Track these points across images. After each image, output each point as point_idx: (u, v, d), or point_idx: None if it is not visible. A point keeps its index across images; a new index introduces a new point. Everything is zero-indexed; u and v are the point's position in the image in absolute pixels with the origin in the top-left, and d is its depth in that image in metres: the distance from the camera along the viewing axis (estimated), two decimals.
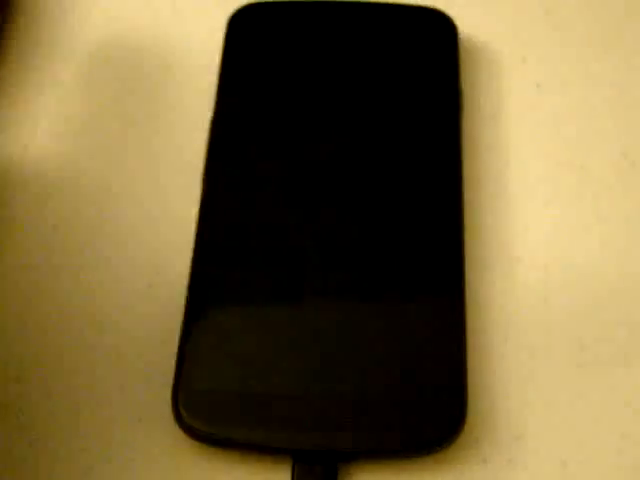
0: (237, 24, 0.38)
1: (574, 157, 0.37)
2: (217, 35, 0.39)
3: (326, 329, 0.32)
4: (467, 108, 0.37)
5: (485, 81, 0.39)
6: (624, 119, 0.38)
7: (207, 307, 0.32)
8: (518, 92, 0.39)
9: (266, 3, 0.39)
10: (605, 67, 0.39)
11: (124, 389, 0.32)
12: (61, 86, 0.39)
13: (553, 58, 0.39)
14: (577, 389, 0.32)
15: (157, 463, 0.31)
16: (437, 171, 0.35)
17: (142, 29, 0.40)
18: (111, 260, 0.35)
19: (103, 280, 0.34)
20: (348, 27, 0.38)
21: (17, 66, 0.39)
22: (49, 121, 0.38)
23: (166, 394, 0.32)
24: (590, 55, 0.40)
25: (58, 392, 0.32)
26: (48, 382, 0.33)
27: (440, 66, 0.37)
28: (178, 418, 0.30)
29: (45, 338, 0.33)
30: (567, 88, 0.39)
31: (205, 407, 0.31)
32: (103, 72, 0.39)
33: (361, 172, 0.35)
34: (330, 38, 0.38)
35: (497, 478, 0.31)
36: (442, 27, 0.38)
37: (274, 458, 0.31)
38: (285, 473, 0.31)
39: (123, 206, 0.36)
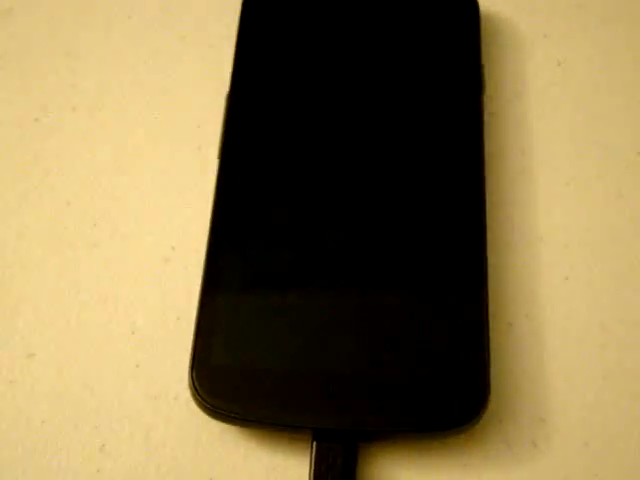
0: None
1: (596, 135, 0.37)
2: (234, 9, 0.38)
3: (347, 308, 0.31)
4: (489, 85, 0.37)
5: (507, 58, 0.38)
6: None
7: (225, 283, 0.32)
8: (539, 69, 0.38)
9: None
10: (627, 43, 0.39)
11: (140, 366, 0.32)
12: (75, 57, 0.38)
13: (574, 35, 0.39)
14: (599, 370, 0.32)
15: (174, 441, 0.31)
16: (459, 150, 0.34)
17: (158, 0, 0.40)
18: (127, 234, 0.34)
19: (118, 254, 0.34)
20: (366, 3, 0.37)
21: None
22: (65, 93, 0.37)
23: (183, 371, 0.31)
24: (611, 32, 0.39)
25: (71, 369, 0.32)
26: (61, 359, 0.32)
27: (462, 43, 0.36)
28: (195, 395, 0.30)
29: (59, 312, 0.33)
30: (588, 65, 0.38)
31: (223, 384, 0.30)
32: (117, 41, 0.39)
33: (384, 152, 0.34)
34: (348, 14, 0.37)
35: (520, 459, 0.30)
36: (463, 3, 0.37)
37: (293, 436, 0.30)
38: (304, 451, 0.30)
39: (138, 180, 0.35)
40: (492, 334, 0.31)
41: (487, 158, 0.35)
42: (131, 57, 0.38)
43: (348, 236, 0.32)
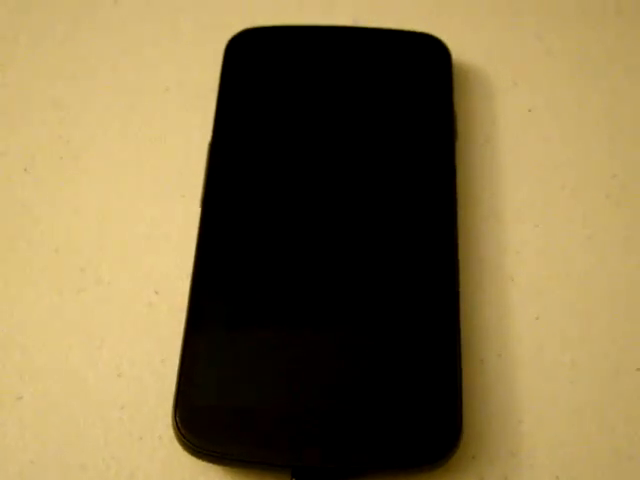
0: (235, 49, 0.39)
1: (565, 180, 0.38)
2: (216, 60, 0.39)
3: (324, 347, 0.32)
4: (461, 132, 0.38)
5: (478, 105, 0.40)
6: (614, 143, 0.39)
7: (207, 325, 0.33)
8: (510, 116, 0.39)
9: (263, 28, 0.40)
10: (595, 92, 0.40)
11: (124, 408, 0.33)
12: (62, 107, 0.39)
13: (544, 82, 0.40)
14: (570, 405, 0.33)
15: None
16: (432, 193, 0.35)
17: (143, 51, 0.41)
18: (112, 280, 0.35)
19: (104, 299, 0.35)
20: (343, 52, 0.39)
21: None
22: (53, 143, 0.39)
23: (167, 412, 0.32)
24: (581, 80, 0.40)
25: (59, 410, 0.33)
26: (50, 401, 0.33)
27: (434, 90, 0.38)
28: (179, 435, 0.31)
29: (48, 356, 0.34)
30: (558, 112, 0.40)
31: (205, 424, 0.31)
32: (102, 92, 0.40)
33: (358, 195, 0.35)
34: (326, 63, 0.39)
35: None
36: (436, 52, 0.39)
37: (274, 474, 0.31)
38: None
39: (123, 227, 0.37)
40: (465, 371, 0.32)
41: (459, 201, 0.36)
42: (116, 107, 0.40)
43: (326, 278, 0.33)
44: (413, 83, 0.38)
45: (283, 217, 0.35)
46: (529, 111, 0.40)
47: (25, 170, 0.38)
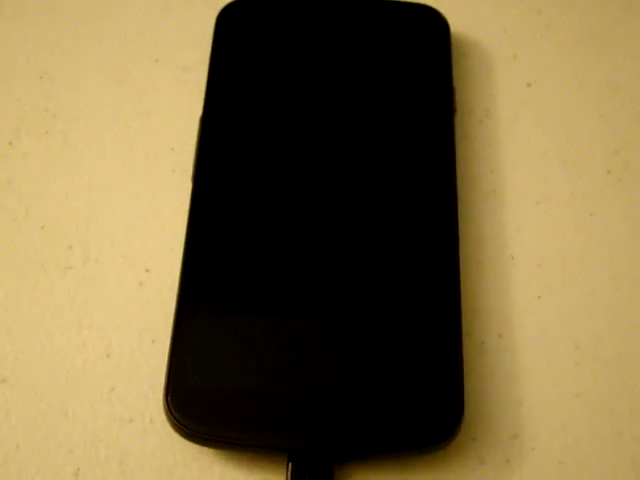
0: (226, 20, 0.38)
1: (566, 155, 0.37)
2: (206, 31, 0.38)
3: (321, 327, 0.31)
4: (460, 106, 0.37)
5: (476, 78, 0.39)
6: (615, 117, 0.38)
7: (199, 305, 0.32)
8: (510, 90, 0.38)
9: None
10: (596, 66, 0.39)
11: (115, 390, 0.32)
12: (48, 80, 0.38)
13: (544, 55, 0.39)
14: (573, 387, 0.32)
15: (150, 464, 0.31)
16: (431, 170, 0.34)
17: (131, 21, 0.40)
18: (101, 257, 0.34)
19: (93, 277, 0.34)
20: (339, 24, 0.38)
21: None
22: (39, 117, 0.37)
23: (158, 394, 0.31)
24: (581, 53, 0.40)
25: (46, 393, 0.32)
26: (36, 383, 0.32)
27: (433, 63, 0.37)
28: (171, 418, 0.30)
29: (34, 337, 0.33)
30: (558, 86, 0.39)
31: (198, 406, 0.30)
32: (90, 65, 0.39)
33: (353, 172, 0.34)
34: (320, 34, 0.37)
35: (495, 478, 0.31)
36: (434, 24, 0.38)
37: (269, 457, 0.30)
38: (280, 472, 0.30)
39: (112, 203, 0.35)
40: (465, 353, 0.32)
41: (458, 178, 0.35)
42: (104, 80, 0.38)
43: (322, 257, 0.32)
44: (411, 56, 0.37)
45: (277, 193, 0.34)
46: (528, 85, 0.39)
47: (10, 144, 0.37)
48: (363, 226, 0.33)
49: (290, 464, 0.30)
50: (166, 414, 0.30)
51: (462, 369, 0.31)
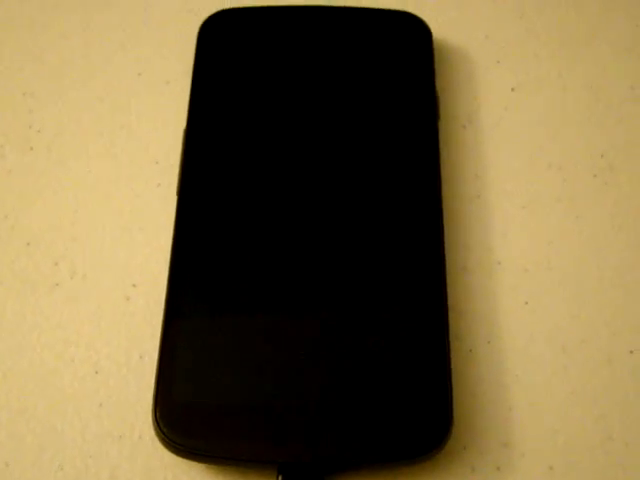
0: (208, 31, 0.38)
1: (551, 159, 0.37)
2: (189, 43, 0.38)
3: (308, 340, 0.31)
4: (443, 112, 0.37)
5: (459, 84, 0.39)
6: (600, 121, 0.38)
7: (186, 319, 0.32)
8: (493, 95, 0.38)
9: (238, 9, 0.38)
10: (580, 69, 0.39)
11: (103, 405, 0.32)
12: (32, 96, 0.38)
13: (527, 60, 0.39)
14: (562, 393, 0.32)
15: None
16: (416, 176, 0.34)
17: (113, 36, 0.40)
18: (87, 273, 0.34)
19: (80, 294, 0.34)
20: (322, 32, 0.38)
21: None
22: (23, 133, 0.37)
23: (147, 410, 0.31)
24: (564, 57, 0.40)
25: (35, 410, 0.32)
26: (25, 400, 0.32)
27: (415, 70, 0.37)
28: (159, 433, 0.30)
29: (22, 353, 0.33)
30: (542, 90, 0.39)
31: (187, 421, 0.30)
32: (73, 80, 0.39)
33: (339, 181, 0.34)
34: (303, 43, 0.37)
35: None
36: (416, 31, 0.38)
37: (259, 471, 0.30)
38: None
39: (98, 218, 0.35)
40: (453, 361, 0.32)
41: (443, 184, 0.35)
42: (88, 95, 0.38)
43: (307, 267, 0.32)
44: (393, 63, 0.37)
45: (262, 205, 0.34)
46: (512, 90, 0.39)
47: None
48: (349, 234, 0.33)
49: (280, 477, 0.29)
50: (155, 429, 0.30)
51: (450, 377, 0.31)
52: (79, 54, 0.40)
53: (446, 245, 0.33)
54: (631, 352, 0.33)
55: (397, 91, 0.36)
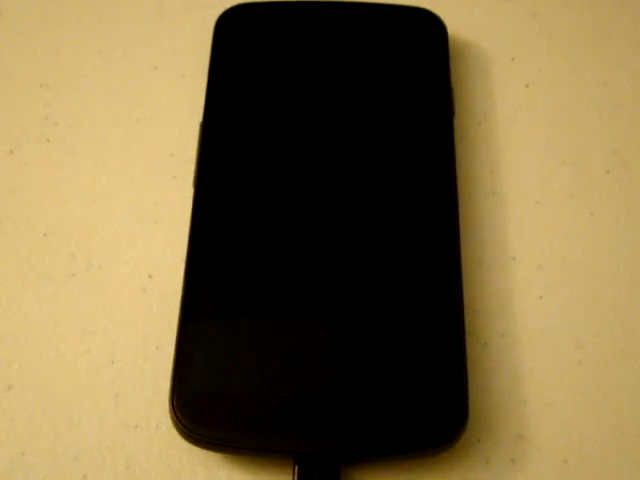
0: (225, 25, 0.38)
1: (565, 155, 0.37)
2: (205, 37, 0.38)
3: (326, 331, 0.31)
4: (458, 108, 0.37)
5: (474, 80, 0.39)
6: (614, 117, 0.38)
7: (203, 310, 0.32)
8: (508, 91, 0.39)
9: (254, 4, 0.39)
10: (593, 66, 0.39)
11: (120, 395, 0.32)
12: (49, 88, 0.38)
13: (541, 57, 0.40)
14: (576, 386, 0.32)
15: (156, 469, 0.31)
16: (431, 171, 0.35)
17: (129, 29, 0.40)
18: (104, 264, 0.34)
19: (96, 284, 0.34)
20: (337, 27, 0.38)
21: None
22: (40, 125, 0.37)
23: (163, 400, 0.31)
24: (578, 54, 0.40)
25: (52, 400, 0.32)
26: (41, 390, 0.32)
27: (430, 66, 0.37)
28: (176, 423, 0.30)
29: (38, 344, 0.33)
30: (556, 87, 0.39)
31: (204, 411, 0.30)
32: (89, 72, 0.39)
33: (353, 176, 0.34)
34: (319, 38, 0.38)
35: (500, 478, 0.31)
36: (431, 27, 0.38)
37: (275, 461, 0.30)
38: (287, 475, 0.30)
39: (114, 210, 0.36)
40: (469, 354, 0.32)
41: (458, 180, 0.35)
42: (104, 88, 0.38)
43: (324, 260, 0.33)
44: (409, 59, 0.37)
45: (279, 198, 0.34)
46: (526, 86, 0.39)
47: (11, 152, 0.37)
48: (365, 229, 0.33)
49: (296, 467, 0.30)
50: (172, 419, 0.30)
51: (466, 370, 0.31)
52: (95, 47, 0.40)
53: (461, 240, 0.34)
54: None
55: (412, 87, 0.36)
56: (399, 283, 0.32)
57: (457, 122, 0.37)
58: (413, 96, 0.36)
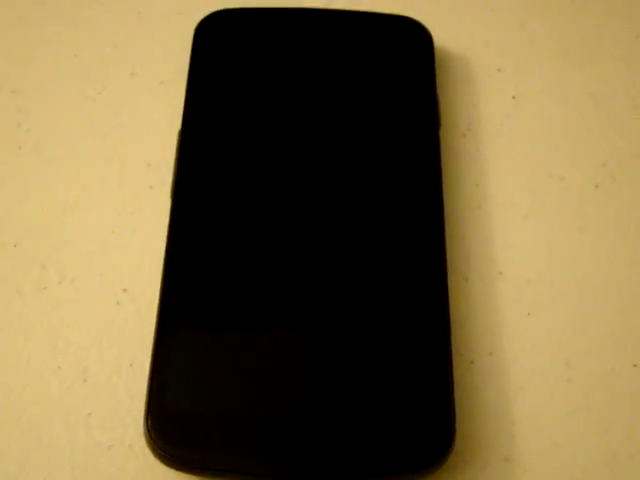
0: (204, 32, 0.37)
1: (553, 168, 0.36)
2: (184, 44, 0.37)
3: (306, 349, 0.30)
4: (444, 119, 0.36)
5: (461, 92, 0.38)
6: (601, 129, 0.37)
7: (179, 326, 0.31)
8: (494, 103, 0.38)
9: (233, 10, 0.38)
10: (581, 78, 0.39)
11: (92, 415, 0.31)
12: (21, 94, 0.37)
13: (528, 69, 0.39)
14: (565, 406, 0.31)
15: None
16: (416, 184, 0.34)
17: (106, 34, 0.39)
18: (77, 277, 0.33)
19: (68, 298, 0.33)
20: (321, 36, 0.37)
21: None
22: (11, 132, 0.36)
23: (137, 419, 0.30)
24: (565, 66, 0.39)
25: (21, 419, 0.31)
26: (10, 408, 0.31)
27: (416, 76, 0.36)
28: (151, 444, 0.29)
29: (7, 360, 0.32)
30: (543, 98, 0.38)
31: (179, 431, 0.29)
32: (64, 78, 0.38)
33: (338, 188, 0.33)
34: (302, 47, 0.37)
35: None
36: (417, 36, 0.37)
37: None
38: None
39: (88, 220, 0.34)
40: (455, 373, 0.31)
41: (444, 193, 0.34)
42: (79, 95, 0.37)
43: (304, 276, 0.31)
44: (394, 68, 0.36)
45: (258, 208, 0.33)
46: (513, 98, 0.38)
47: None
48: (349, 243, 0.32)
49: None
50: (146, 439, 0.29)
51: (452, 389, 0.30)
52: (71, 52, 0.39)
53: (448, 255, 0.33)
54: (635, 365, 0.32)
55: (398, 98, 0.35)
56: (384, 299, 0.31)
57: (443, 133, 0.36)
58: (398, 107, 0.35)
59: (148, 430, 0.29)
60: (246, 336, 0.30)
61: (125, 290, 0.33)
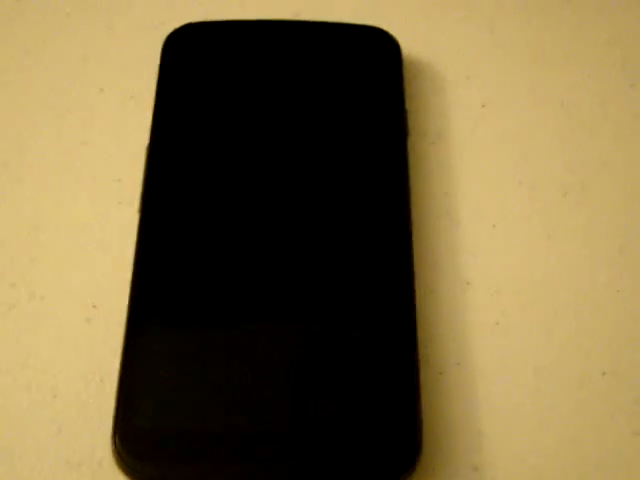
0: (173, 45, 0.37)
1: (522, 176, 0.36)
2: (152, 58, 0.37)
3: (274, 363, 0.30)
4: (413, 128, 0.36)
5: (429, 100, 0.38)
6: (572, 138, 0.37)
7: (148, 341, 0.31)
8: (463, 111, 0.38)
9: (202, 23, 0.38)
10: (551, 85, 0.39)
11: (62, 431, 0.31)
12: None
13: (497, 76, 0.39)
14: (534, 415, 0.31)
15: None
16: (384, 193, 0.34)
17: (74, 49, 0.39)
18: (46, 294, 0.33)
19: (38, 315, 0.33)
20: (288, 47, 0.37)
21: None
22: None
23: (107, 435, 0.30)
24: (534, 73, 0.39)
25: None
26: None
27: (384, 86, 0.36)
28: (119, 460, 0.29)
29: None
30: (512, 106, 0.38)
31: (148, 448, 0.29)
32: (32, 94, 0.38)
33: (306, 198, 0.33)
34: (269, 58, 0.37)
35: None
36: (385, 46, 0.37)
37: None
38: None
39: (57, 237, 0.34)
40: (423, 383, 0.31)
41: (412, 201, 0.34)
42: (47, 110, 0.37)
43: (273, 288, 0.32)
44: (361, 78, 0.36)
45: (227, 223, 0.33)
46: (483, 106, 0.38)
47: None
48: (315, 253, 0.32)
49: None
50: (115, 457, 0.29)
51: (420, 400, 0.30)
52: (39, 67, 0.39)
53: (415, 264, 0.33)
54: (604, 373, 0.32)
55: (366, 107, 0.36)
56: (351, 310, 0.31)
57: (411, 142, 0.36)
58: (366, 116, 0.35)
59: (116, 447, 0.29)
60: (213, 351, 0.30)
61: (95, 306, 0.33)
